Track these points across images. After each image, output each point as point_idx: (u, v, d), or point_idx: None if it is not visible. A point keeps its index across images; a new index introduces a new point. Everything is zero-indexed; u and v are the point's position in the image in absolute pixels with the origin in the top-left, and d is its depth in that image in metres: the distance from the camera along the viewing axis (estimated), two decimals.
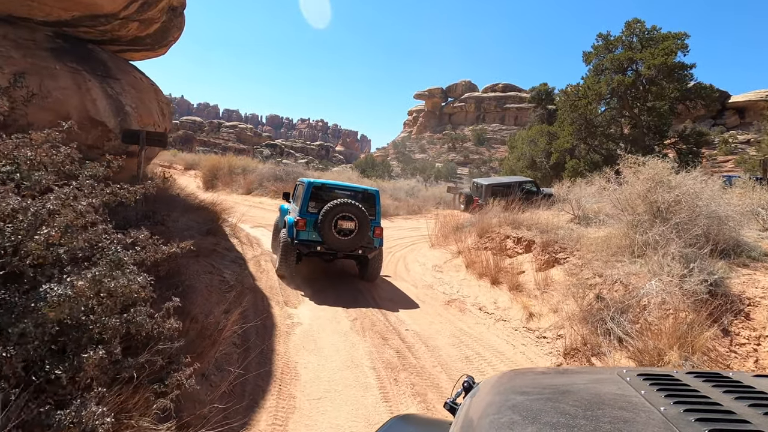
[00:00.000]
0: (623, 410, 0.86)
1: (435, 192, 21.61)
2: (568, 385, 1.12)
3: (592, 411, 0.86)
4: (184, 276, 5.00)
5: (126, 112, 8.11)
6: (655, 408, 0.85)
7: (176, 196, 12.26)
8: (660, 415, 0.81)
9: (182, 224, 8.58)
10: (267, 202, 18.24)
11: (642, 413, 0.83)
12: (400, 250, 11.50)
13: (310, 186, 7.67)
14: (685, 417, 0.79)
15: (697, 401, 0.87)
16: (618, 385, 1.02)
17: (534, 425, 0.84)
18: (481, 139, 65.38)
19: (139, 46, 11.34)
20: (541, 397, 1.02)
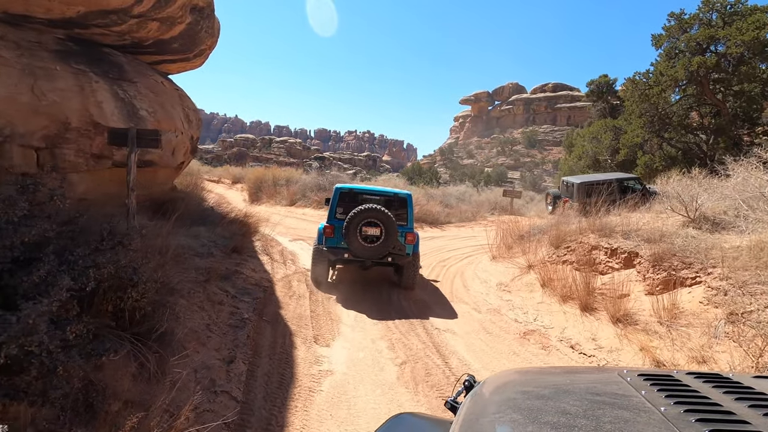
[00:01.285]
0: (624, 410, 0.85)
1: (489, 197, 19.57)
2: (568, 384, 1.12)
3: (592, 411, 0.86)
4: (168, 314, 3.64)
5: (140, 116, 7.10)
6: (655, 408, 0.84)
7: (209, 209, 11.33)
8: (660, 415, 0.80)
9: (204, 241, 7.41)
10: (310, 213, 17.12)
11: (642, 413, 0.82)
12: (455, 264, 9.77)
13: (338, 191, 7.31)
14: (685, 417, 0.78)
15: (698, 402, 0.86)
16: (619, 385, 1.02)
17: (534, 424, 0.83)
18: (531, 142, 62.06)
19: (169, 54, 10.56)
20: (542, 396, 1.02)
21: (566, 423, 0.81)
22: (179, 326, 3.68)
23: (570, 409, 0.89)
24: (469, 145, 65.52)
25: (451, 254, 10.80)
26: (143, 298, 3.23)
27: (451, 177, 54.07)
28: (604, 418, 0.81)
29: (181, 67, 12.97)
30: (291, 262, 8.70)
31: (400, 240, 6.82)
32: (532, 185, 47.98)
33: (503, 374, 1.29)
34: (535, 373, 1.43)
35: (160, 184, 8.81)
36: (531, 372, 1.46)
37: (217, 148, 71.18)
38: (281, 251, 9.39)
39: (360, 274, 7.95)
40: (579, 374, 1.33)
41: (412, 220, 7.21)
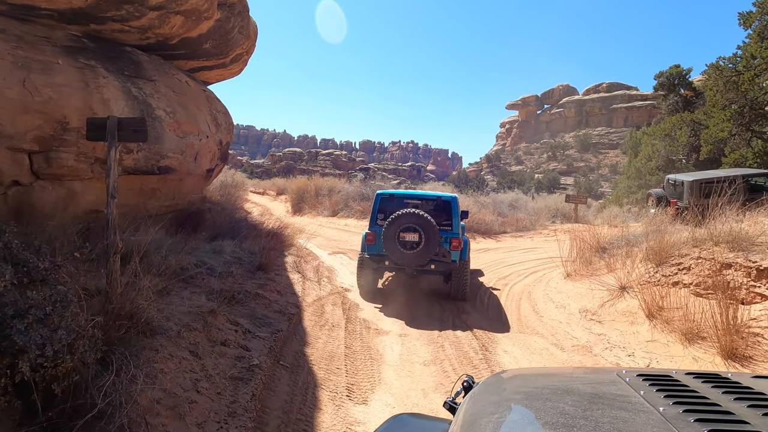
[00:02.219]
0: (622, 410, 0.85)
1: (548, 203, 17.53)
2: (567, 385, 1.11)
3: (591, 411, 0.85)
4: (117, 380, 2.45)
5: (156, 116, 6.22)
6: (654, 408, 0.83)
7: (243, 220, 10.44)
8: (659, 415, 0.80)
9: (226, 257, 6.37)
10: (352, 223, 16.00)
11: (641, 413, 0.82)
12: (519, 281, 8.16)
13: (379, 197, 6.98)
14: (684, 417, 0.78)
15: (696, 402, 0.85)
16: (617, 385, 1.01)
17: (533, 425, 0.83)
18: (585, 145, 58.29)
19: (203, 58, 9.86)
20: (541, 396, 1.01)
21: (565, 423, 0.80)
22: (148, 390, 2.51)
23: (568, 409, 0.88)
24: (517, 151, 62.56)
25: (512, 269, 9.17)
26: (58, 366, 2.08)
27: (498, 184, 51.83)
28: (603, 419, 0.80)
29: (219, 74, 12.36)
30: (327, 280, 7.50)
31: (444, 246, 6.39)
32: (587, 190, 44.65)
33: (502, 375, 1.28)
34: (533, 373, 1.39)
35: (186, 194, 7.97)
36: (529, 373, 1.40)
37: (267, 162, 72.92)
38: (316, 267, 8.23)
39: (410, 285, 7.30)
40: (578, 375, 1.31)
41: (457, 224, 6.68)
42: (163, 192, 7.44)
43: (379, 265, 6.63)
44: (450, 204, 6.78)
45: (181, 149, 6.56)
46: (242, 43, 11.16)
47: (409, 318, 5.95)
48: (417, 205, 6.78)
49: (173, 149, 6.40)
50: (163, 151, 6.21)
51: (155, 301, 3.65)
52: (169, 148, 6.30)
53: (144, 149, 5.89)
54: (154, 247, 5.77)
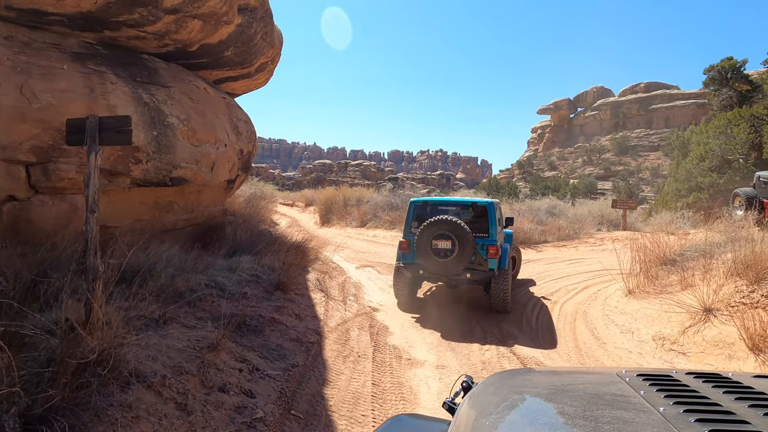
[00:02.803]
0: (623, 410, 0.84)
1: (591, 209, 16.16)
2: (567, 385, 1.10)
3: (591, 411, 0.84)
4: None
5: (168, 123, 5.74)
6: (654, 408, 0.82)
7: (266, 233, 9.92)
8: (659, 415, 0.79)
9: (243, 275, 5.76)
10: (381, 234, 15.29)
11: (641, 414, 0.81)
12: (570, 298, 7.15)
13: (412, 205, 6.74)
14: (684, 417, 0.77)
15: (697, 402, 0.84)
16: (617, 385, 1.00)
17: (533, 425, 0.82)
18: (623, 148, 55.62)
19: (226, 68, 9.49)
20: (541, 397, 1.02)
21: (565, 423, 0.79)
22: None
23: (568, 409, 0.87)
24: (550, 156, 60.36)
25: (560, 284, 8.15)
26: None
27: (532, 191, 50.11)
28: (603, 419, 0.79)
29: (245, 85, 12.04)
30: (353, 298, 6.77)
31: (480, 254, 6.06)
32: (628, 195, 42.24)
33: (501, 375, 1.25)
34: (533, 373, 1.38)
35: (205, 207, 7.49)
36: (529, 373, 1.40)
37: (298, 175, 73.79)
38: (342, 283, 7.52)
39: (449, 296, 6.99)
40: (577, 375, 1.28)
41: (495, 231, 6.24)
42: (181, 205, 6.97)
43: (414, 274, 6.36)
44: (486, 209, 6.37)
45: (195, 158, 6.05)
46: (266, 51, 10.75)
47: (446, 341, 5.13)
48: (451, 211, 6.48)
49: (187, 159, 5.90)
50: (176, 160, 5.71)
51: (145, 336, 3.02)
52: (182, 157, 5.81)
53: (154, 159, 5.40)
54: (162, 266, 5.24)
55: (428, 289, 7.88)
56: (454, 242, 5.83)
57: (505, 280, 6.16)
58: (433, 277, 6.37)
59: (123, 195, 5.60)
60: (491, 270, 6.08)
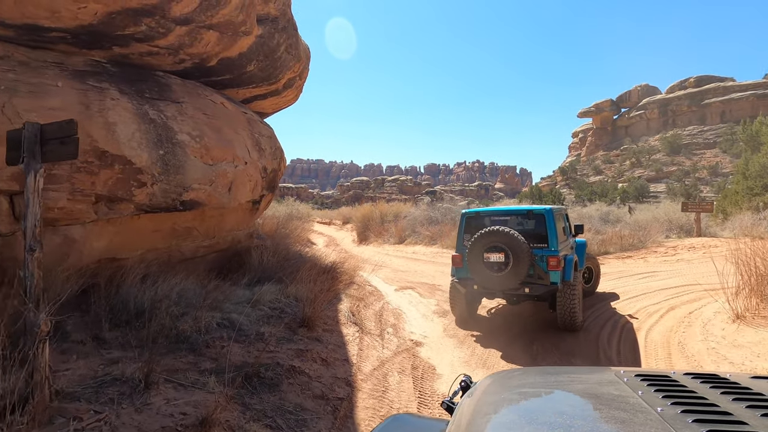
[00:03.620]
0: (620, 410, 0.84)
1: (656, 214, 14.26)
2: (565, 384, 1.10)
3: (589, 411, 0.85)
4: None
5: (177, 141, 5.09)
6: (652, 408, 0.82)
7: (297, 255, 9.15)
8: (657, 415, 0.79)
9: (264, 309, 4.93)
10: (421, 251, 14.24)
11: (639, 414, 0.81)
12: (654, 323, 5.79)
13: (464, 217, 6.37)
14: (682, 418, 0.77)
15: (695, 402, 0.85)
16: (615, 385, 0.99)
17: (531, 425, 0.81)
18: (675, 147, 51.74)
19: (251, 84, 8.99)
20: (539, 396, 1.03)
21: (563, 423, 0.78)
22: None
23: (566, 409, 0.87)
24: (594, 161, 57.06)
25: (637, 304, 6.76)
26: None
27: (577, 197, 47.41)
28: (601, 419, 0.79)
29: (274, 104, 11.55)
30: (392, 330, 5.78)
31: (540, 266, 5.54)
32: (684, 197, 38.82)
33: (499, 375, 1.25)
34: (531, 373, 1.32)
35: (228, 232, 6.82)
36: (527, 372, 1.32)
37: (336, 193, 74.35)
38: (379, 312, 6.54)
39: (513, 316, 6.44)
40: (576, 374, 1.24)
41: (555, 240, 5.61)
42: (201, 231, 6.32)
43: (468, 289, 5.92)
44: (544, 217, 5.77)
45: (209, 179, 5.37)
46: (292, 66, 10.18)
47: None
48: (506, 221, 6.04)
49: (199, 179, 5.22)
50: (186, 181, 5.04)
51: (113, 412, 2.19)
52: (193, 177, 5.13)
53: (161, 181, 4.73)
54: (171, 302, 4.50)
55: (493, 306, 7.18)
56: (508, 254, 5.38)
57: (572, 294, 5.49)
58: (489, 292, 5.87)
59: (132, 223, 4.97)
60: (553, 284, 5.47)
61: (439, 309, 7.23)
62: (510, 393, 1.03)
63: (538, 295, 5.59)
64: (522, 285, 5.51)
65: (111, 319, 4.08)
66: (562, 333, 5.64)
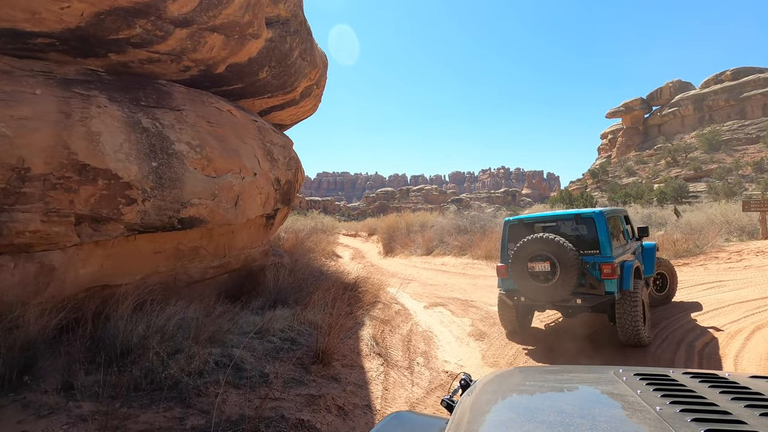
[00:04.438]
0: (619, 409, 0.84)
1: (710, 214, 12.76)
2: (564, 383, 1.09)
3: (588, 410, 0.84)
4: None
5: (173, 152, 4.47)
6: (651, 407, 0.81)
7: (318, 272, 8.43)
8: (656, 414, 0.78)
9: (273, 340, 4.20)
10: (450, 262, 13.29)
11: (638, 412, 0.80)
12: (741, 348, 4.67)
13: (506, 225, 5.94)
14: (681, 417, 0.76)
15: (693, 401, 0.84)
16: (615, 384, 0.99)
17: (531, 423, 0.81)
18: (714, 144, 48.67)
19: (266, 93, 8.45)
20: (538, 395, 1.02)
21: (562, 422, 0.78)
22: None
23: (565, 408, 0.86)
24: (626, 161, 54.38)
25: (711, 321, 5.62)
26: None
27: (610, 200, 45.13)
28: (600, 417, 0.78)
29: (293, 114, 11.03)
30: (422, 360, 4.91)
31: (593, 274, 5.05)
32: (727, 196, 36.14)
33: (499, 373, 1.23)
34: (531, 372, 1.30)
35: (240, 251, 6.17)
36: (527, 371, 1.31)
37: (362, 205, 74.12)
38: (407, 337, 5.70)
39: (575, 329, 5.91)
40: (575, 373, 1.22)
41: (608, 246, 5.10)
42: (209, 250, 5.70)
43: (514, 302, 5.56)
44: (594, 221, 5.26)
45: (211, 192, 4.73)
46: (308, 73, 9.60)
47: None
48: (552, 227, 5.61)
49: (200, 193, 4.58)
50: (185, 196, 4.41)
51: None
52: (192, 191, 4.50)
53: (154, 196, 4.11)
54: (167, 335, 3.84)
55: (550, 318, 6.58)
56: (554, 263, 4.98)
57: (633, 305, 4.92)
58: (533, 303, 5.44)
59: (126, 245, 4.36)
60: (609, 293, 4.95)
61: (475, 330, 6.32)
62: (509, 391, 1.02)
63: (592, 306, 5.11)
64: (573, 296, 5.05)
65: (91, 359, 3.44)
66: (627, 351, 4.94)
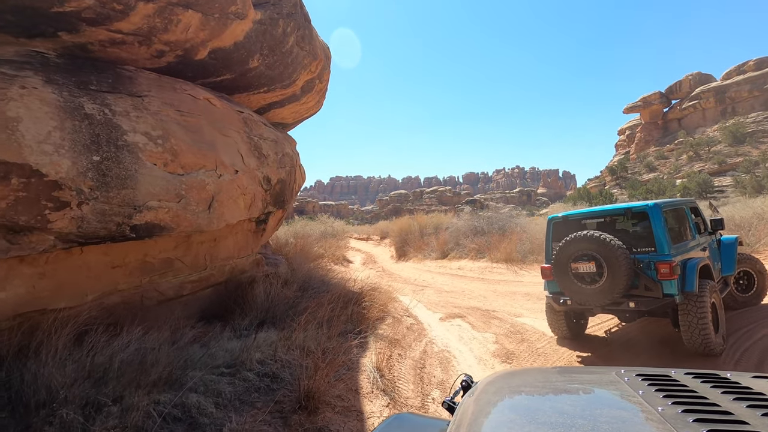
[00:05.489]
0: (621, 410, 0.82)
1: (756, 208, 11.35)
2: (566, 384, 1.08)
3: (590, 410, 0.83)
4: None
5: (123, 143, 3.58)
6: (653, 408, 0.80)
7: (319, 280, 7.46)
8: (658, 415, 0.77)
9: (248, 377, 3.24)
10: (467, 266, 12.20)
11: (640, 413, 0.79)
12: None
13: (551, 223, 5.41)
14: (683, 417, 0.75)
15: (695, 402, 0.82)
16: (616, 385, 0.97)
17: (532, 424, 0.80)
18: (738, 137, 46.42)
19: (261, 87, 7.58)
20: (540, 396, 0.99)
21: (563, 422, 0.76)
22: None
23: (567, 408, 0.85)
24: (646, 157, 52.22)
25: None
26: None
27: (631, 197, 43.24)
28: (601, 418, 0.77)
29: (294, 112, 10.14)
30: (439, 394, 3.88)
31: (648, 275, 4.38)
32: (756, 190, 34.04)
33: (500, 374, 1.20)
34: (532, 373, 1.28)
35: (225, 261, 5.26)
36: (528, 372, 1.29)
37: (376, 208, 73.30)
38: (420, 361, 4.67)
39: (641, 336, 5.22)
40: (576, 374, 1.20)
41: (665, 242, 4.40)
42: (186, 262, 4.80)
43: (561, 305, 5.04)
44: (647, 215, 4.62)
45: (176, 193, 3.82)
46: (308, 65, 8.70)
47: None
48: (600, 224, 5.05)
49: (159, 194, 3.68)
50: (139, 198, 3.51)
51: None
52: (150, 192, 3.59)
53: (95, 198, 3.21)
54: (110, 377, 2.92)
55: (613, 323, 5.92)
56: (600, 263, 4.49)
57: (699, 309, 4.30)
58: (581, 307, 4.88)
59: (68, 260, 3.48)
60: (668, 296, 4.34)
61: (500, 349, 5.28)
62: (511, 392, 1.00)
63: (648, 310, 4.53)
64: (625, 298, 4.49)
65: None
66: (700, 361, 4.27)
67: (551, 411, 0.84)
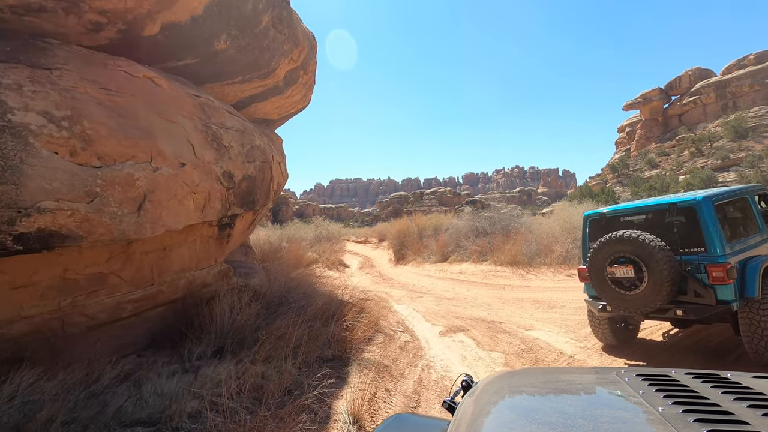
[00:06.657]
0: (622, 410, 0.82)
1: None
2: (566, 384, 1.06)
3: (590, 411, 0.82)
4: None
5: (5, 126, 2.65)
6: (653, 408, 0.78)
7: (302, 290, 6.49)
8: (658, 415, 0.75)
9: None
10: (469, 270, 11.22)
11: (640, 413, 0.78)
12: None
13: (587, 220, 4.83)
14: (683, 417, 0.73)
15: (696, 402, 0.80)
16: (617, 385, 0.96)
17: (532, 424, 0.78)
18: (740, 132, 45.51)
19: (235, 75, 6.68)
20: (540, 396, 0.98)
21: (564, 423, 0.75)
22: None
23: (567, 409, 0.84)
24: (647, 154, 51.22)
25: None
26: None
27: (634, 194, 42.26)
28: (602, 419, 0.75)
29: (278, 107, 9.19)
30: None
31: (698, 279, 3.77)
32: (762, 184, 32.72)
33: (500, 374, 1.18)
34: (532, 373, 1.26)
35: (179, 274, 4.31)
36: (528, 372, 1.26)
37: (376, 210, 72.36)
38: (413, 394, 3.68)
39: None
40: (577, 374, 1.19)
41: (718, 242, 3.73)
42: (125, 277, 3.84)
43: (601, 311, 4.44)
44: (695, 211, 3.90)
45: (88, 190, 2.89)
46: (289, 52, 7.77)
47: None
48: (641, 222, 4.35)
49: (60, 191, 2.74)
50: (25, 197, 2.57)
51: None
52: (45, 189, 2.66)
53: None
54: None
55: None
56: (640, 267, 3.92)
57: (763, 315, 3.72)
58: (623, 314, 4.32)
59: None
60: (723, 302, 3.70)
61: None
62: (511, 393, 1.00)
63: (697, 319, 3.93)
64: (672, 305, 3.90)
65: None
66: None
67: (552, 411, 0.82)
